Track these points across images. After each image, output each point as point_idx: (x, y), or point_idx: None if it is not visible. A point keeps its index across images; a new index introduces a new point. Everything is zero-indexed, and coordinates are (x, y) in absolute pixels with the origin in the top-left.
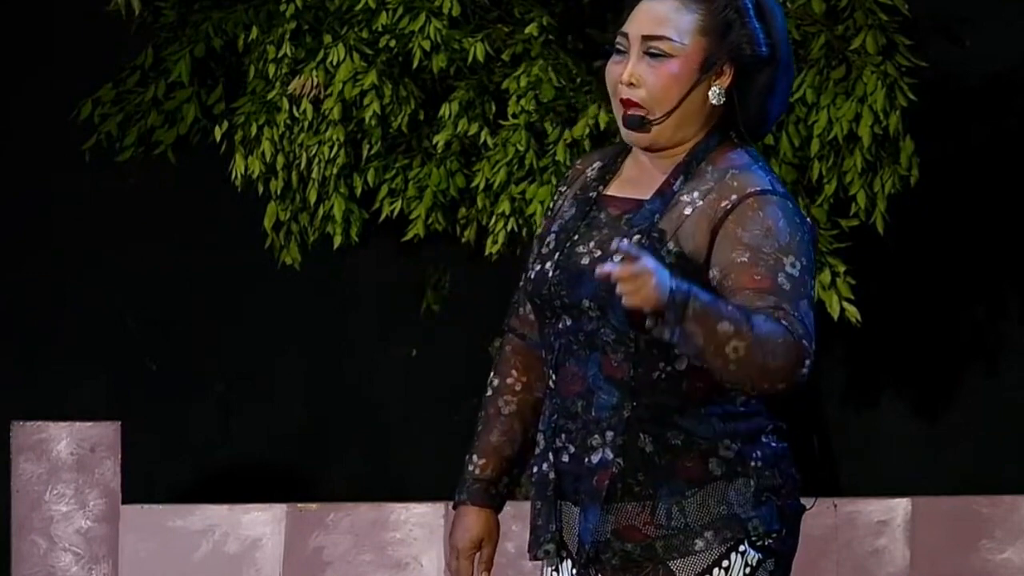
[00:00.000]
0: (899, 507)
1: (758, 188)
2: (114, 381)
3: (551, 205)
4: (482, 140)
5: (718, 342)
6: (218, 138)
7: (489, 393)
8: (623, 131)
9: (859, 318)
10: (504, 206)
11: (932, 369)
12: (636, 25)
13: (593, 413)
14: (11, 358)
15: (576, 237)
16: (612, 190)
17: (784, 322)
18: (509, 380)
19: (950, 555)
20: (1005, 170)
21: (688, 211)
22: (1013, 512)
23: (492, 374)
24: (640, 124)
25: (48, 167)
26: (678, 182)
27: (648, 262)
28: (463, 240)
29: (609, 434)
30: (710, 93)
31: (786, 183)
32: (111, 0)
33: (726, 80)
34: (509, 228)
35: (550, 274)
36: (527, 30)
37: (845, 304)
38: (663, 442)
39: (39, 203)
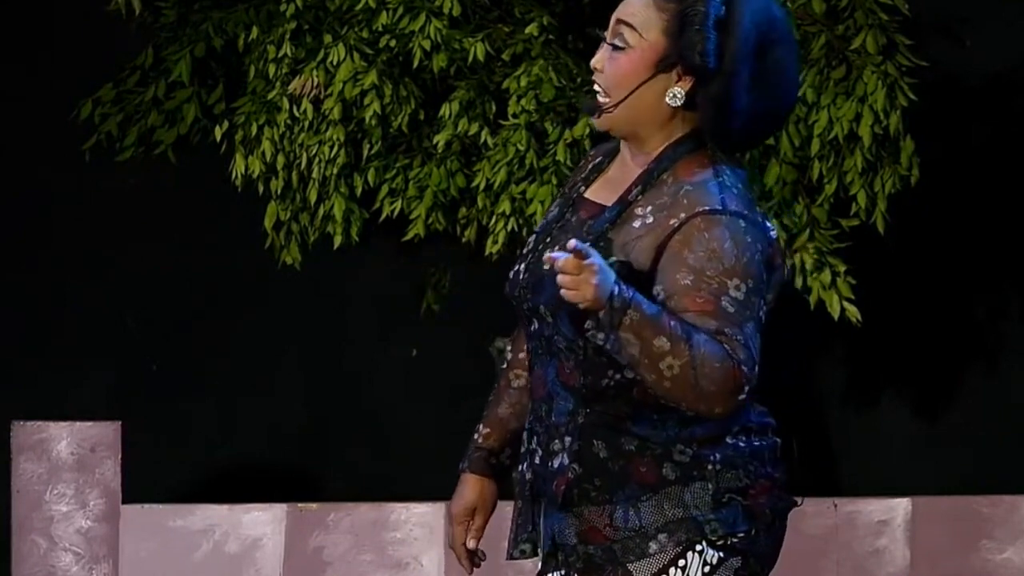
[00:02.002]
0: (899, 507)
1: (707, 207)
2: (114, 381)
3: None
4: (482, 140)
5: (653, 356)
6: (218, 138)
7: (503, 366)
8: None
9: (859, 318)
10: (504, 206)
11: (932, 369)
12: (617, 10)
13: (553, 418)
14: (11, 358)
15: (548, 240)
16: (590, 192)
17: (726, 346)
18: (521, 355)
19: (950, 555)
20: (1005, 170)
21: (637, 224)
22: (1013, 512)
23: (508, 347)
24: (591, 110)
25: (48, 167)
26: (635, 191)
27: (595, 260)
28: (463, 240)
29: (567, 439)
30: (667, 94)
31: (786, 183)
32: (111, 0)
33: (686, 84)
34: (509, 228)
35: (521, 276)
36: (527, 30)
37: (845, 304)
38: (616, 448)
39: (39, 203)
